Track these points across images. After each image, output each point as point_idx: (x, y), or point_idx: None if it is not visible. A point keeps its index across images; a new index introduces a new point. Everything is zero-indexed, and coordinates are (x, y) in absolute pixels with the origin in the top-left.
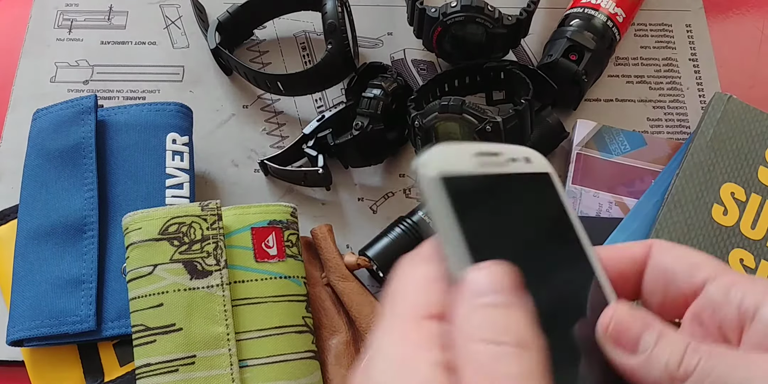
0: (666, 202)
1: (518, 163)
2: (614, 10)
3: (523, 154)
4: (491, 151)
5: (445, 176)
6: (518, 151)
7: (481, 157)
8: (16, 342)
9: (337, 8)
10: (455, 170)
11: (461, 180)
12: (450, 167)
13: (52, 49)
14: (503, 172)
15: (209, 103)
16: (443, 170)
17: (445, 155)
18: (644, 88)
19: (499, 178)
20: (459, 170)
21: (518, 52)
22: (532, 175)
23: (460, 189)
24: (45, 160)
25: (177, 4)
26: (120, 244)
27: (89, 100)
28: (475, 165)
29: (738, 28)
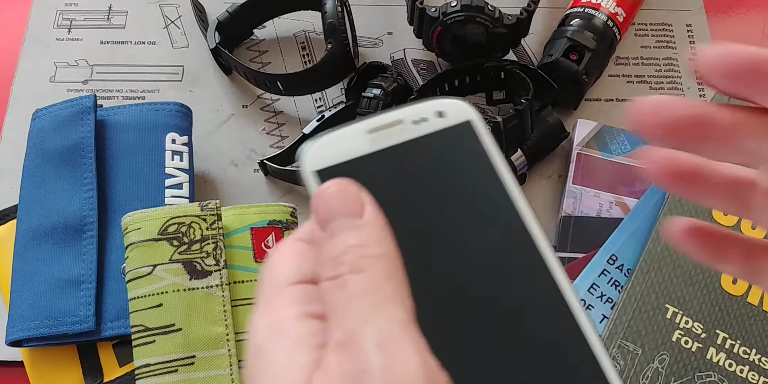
0: (666, 202)
1: (427, 122)
2: (615, 10)
3: (435, 109)
4: (388, 121)
5: (322, 169)
6: (427, 109)
7: (377, 132)
8: (16, 342)
9: (337, 8)
10: (340, 157)
11: (347, 166)
12: (332, 157)
13: (51, 48)
14: (407, 139)
15: (209, 103)
16: (321, 163)
17: (329, 144)
18: (645, 88)
19: (399, 149)
20: (345, 156)
21: (518, 51)
22: (448, 129)
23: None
24: (44, 160)
25: (176, 4)
26: (119, 244)
27: (88, 99)
28: (368, 143)
29: (739, 27)
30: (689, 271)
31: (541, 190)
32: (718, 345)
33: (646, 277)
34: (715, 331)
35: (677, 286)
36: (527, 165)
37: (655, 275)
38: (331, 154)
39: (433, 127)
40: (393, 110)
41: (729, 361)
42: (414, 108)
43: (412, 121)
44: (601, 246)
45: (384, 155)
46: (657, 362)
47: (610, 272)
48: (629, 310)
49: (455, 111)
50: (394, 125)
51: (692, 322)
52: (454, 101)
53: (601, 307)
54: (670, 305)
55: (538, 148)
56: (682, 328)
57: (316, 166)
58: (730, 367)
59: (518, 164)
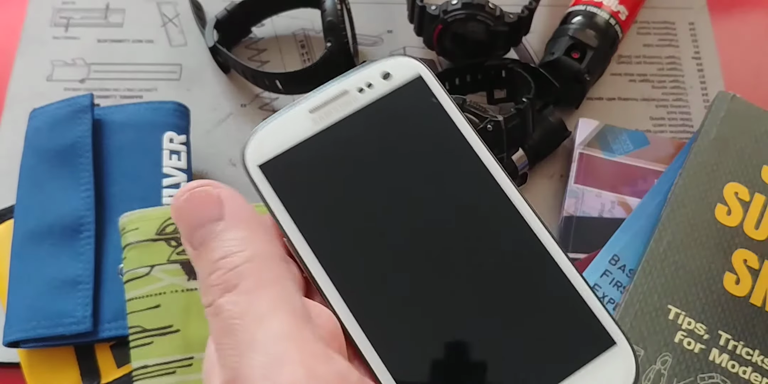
0: (669, 202)
1: (373, 88)
2: (617, 8)
3: (379, 72)
4: (331, 95)
5: (265, 162)
6: (370, 73)
7: (321, 109)
8: (13, 343)
9: (337, 6)
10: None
11: (292, 154)
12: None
13: (48, 47)
14: (354, 110)
15: (207, 102)
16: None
17: (271, 133)
18: (647, 87)
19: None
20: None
21: (520, 50)
22: (397, 91)
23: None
24: (41, 160)
25: (174, 2)
26: (117, 244)
27: (85, 98)
28: (313, 124)
29: (742, 25)
30: (692, 271)
31: (542, 189)
32: (720, 346)
33: (649, 278)
34: (718, 332)
35: (680, 287)
36: (528, 164)
37: (657, 276)
38: (275, 143)
39: (380, 92)
40: (334, 81)
41: (732, 363)
42: (357, 75)
43: (357, 89)
44: (603, 246)
45: (332, 133)
46: (659, 363)
47: (612, 273)
48: (631, 311)
49: (401, 69)
50: (339, 98)
51: (695, 323)
52: (398, 58)
53: None
54: (672, 306)
55: (539, 147)
56: (684, 329)
57: (258, 160)
58: (732, 369)
59: (519, 164)
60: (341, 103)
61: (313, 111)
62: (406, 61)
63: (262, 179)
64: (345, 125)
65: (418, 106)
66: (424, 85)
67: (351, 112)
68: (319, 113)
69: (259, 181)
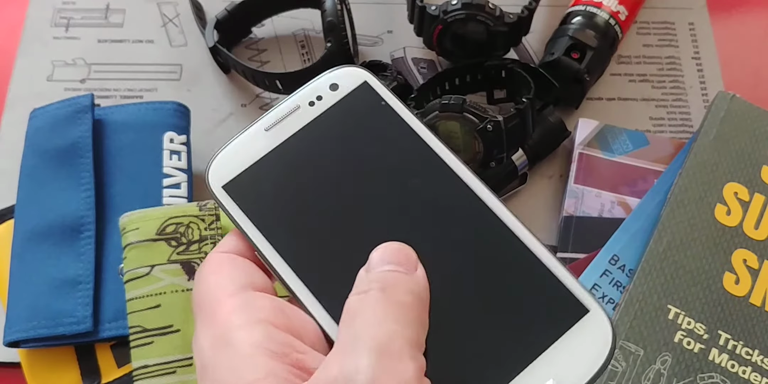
0: (669, 202)
1: (322, 100)
2: (616, 8)
3: (326, 84)
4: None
5: (228, 182)
6: (318, 86)
7: (276, 126)
8: (13, 343)
9: (337, 6)
10: (244, 165)
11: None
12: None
13: (48, 47)
14: (306, 123)
15: (207, 102)
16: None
17: (230, 154)
18: (647, 87)
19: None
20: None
21: (520, 50)
22: (345, 99)
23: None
24: (41, 160)
25: (175, 2)
26: (117, 244)
27: (86, 99)
28: (270, 141)
29: (741, 26)
30: (691, 271)
31: (542, 189)
32: (720, 346)
33: (648, 278)
34: (718, 332)
35: (679, 287)
36: (528, 164)
37: (657, 276)
38: (235, 163)
39: (330, 103)
40: (285, 98)
41: (731, 362)
42: (306, 90)
43: (307, 103)
44: (603, 246)
45: (287, 147)
46: (659, 363)
47: (611, 273)
48: (631, 310)
49: (347, 78)
50: (291, 113)
51: (694, 322)
52: (343, 69)
53: None
54: (672, 306)
55: (539, 147)
56: (684, 328)
57: (221, 181)
58: (732, 368)
59: (519, 164)
60: (294, 118)
61: (268, 129)
62: (350, 71)
63: (227, 199)
64: (300, 138)
65: (369, 111)
66: (371, 91)
67: (304, 125)
68: (274, 130)
69: (225, 201)
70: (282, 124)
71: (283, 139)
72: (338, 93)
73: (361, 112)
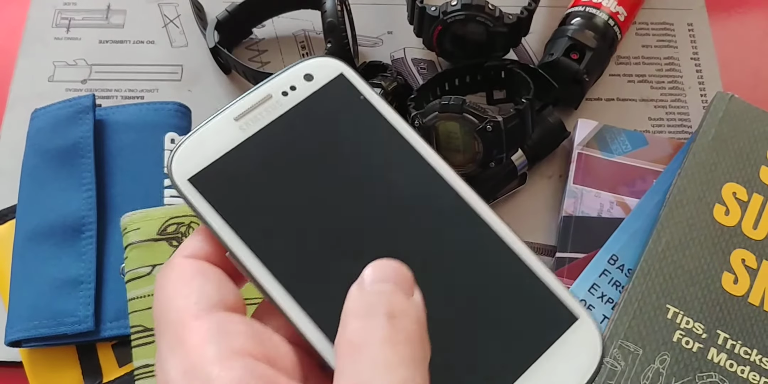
0: (668, 202)
1: (296, 90)
2: (616, 9)
3: (301, 74)
4: (255, 101)
5: (195, 175)
6: (292, 75)
7: (246, 116)
8: (15, 342)
9: (337, 7)
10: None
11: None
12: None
13: (50, 48)
14: (279, 115)
15: (208, 103)
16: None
17: (197, 144)
18: (646, 88)
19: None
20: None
21: (519, 51)
22: (320, 91)
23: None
24: (43, 160)
25: (175, 3)
26: (118, 244)
27: (87, 99)
28: (240, 131)
29: (740, 26)
30: (690, 271)
31: (541, 189)
32: (719, 345)
33: (647, 278)
34: (716, 331)
35: (678, 287)
36: (528, 165)
37: (655, 275)
38: (202, 154)
39: (304, 94)
40: (257, 87)
41: (730, 362)
42: (279, 79)
43: (281, 93)
44: (602, 246)
45: (260, 139)
46: (658, 362)
47: (610, 272)
48: (630, 310)
49: (322, 69)
50: (263, 103)
51: (693, 322)
52: (318, 59)
53: (601, 307)
54: (670, 305)
55: (538, 147)
56: (682, 328)
57: (187, 174)
58: (731, 368)
59: (519, 164)
60: (266, 108)
61: (238, 118)
62: (326, 61)
63: (193, 193)
64: (273, 130)
65: (345, 104)
66: (348, 83)
67: (277, 116)
68: (245, 120)
69: (191, 195)
70: (253, 114)
71: (254, 130)
72: (313, 84)
73: (338, 105)
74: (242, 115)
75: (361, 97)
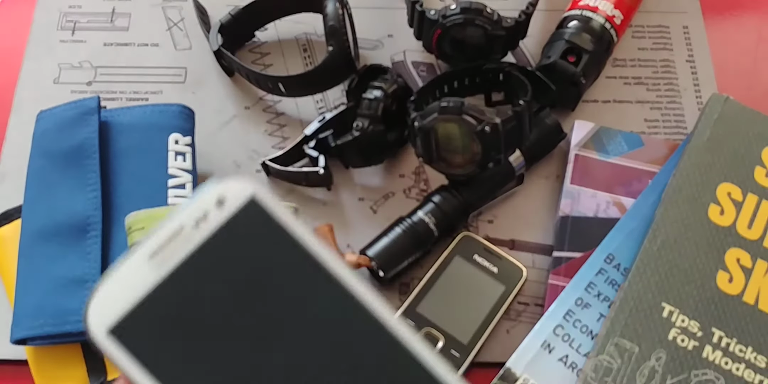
0: (663, 202)
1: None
2: (612, 13)
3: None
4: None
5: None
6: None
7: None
8: (20, 340)
9: (338, 10)
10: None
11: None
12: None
13: (55, 50)
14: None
15: (211, 105)
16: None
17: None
18: (641, 90)
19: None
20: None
21: (517, 53)
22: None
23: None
24: (48, 161)
25: (179, 6)
26: (123, 243)
27: (92, 101)
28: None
29: (735, 29)
30: (685, 270)
31: (539, 190)
32: (714, 343)
33: (643, 276)
34: (711, 329)
35: (673, 285)
36: (525, 165)
37: (651, 274)
38: (119, 301)
39: (215, 223)
40: (167, 219)
41: (725, 359)
42: (190, 208)
43: (192, 224)
44: (598, 245)
45: (176, 278)
46: (654, 360)
47: (607, 271)
48: (626, 308)
49: (233, 192)
50: (176, 237)
51: (688, 320)
52: (228, 182)
53: (598, 305)
54: (666, 304)
55: (536, 149)
56: (678, 326)
57: (106, 324)
58: (726, 365)
59: (516, 165)
60: (179, 242)
61: (152, 256)
62: (236, 184)
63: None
64: (187, 268)
65: (258, 232)
66: (260, 208)
67: (190, 251)
68: (159, 258)
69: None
70: (166, 250)
71: (168, 269)
72: (225, 210)
73: (250, 233)
74: (156, 252)
75: (273, 221)
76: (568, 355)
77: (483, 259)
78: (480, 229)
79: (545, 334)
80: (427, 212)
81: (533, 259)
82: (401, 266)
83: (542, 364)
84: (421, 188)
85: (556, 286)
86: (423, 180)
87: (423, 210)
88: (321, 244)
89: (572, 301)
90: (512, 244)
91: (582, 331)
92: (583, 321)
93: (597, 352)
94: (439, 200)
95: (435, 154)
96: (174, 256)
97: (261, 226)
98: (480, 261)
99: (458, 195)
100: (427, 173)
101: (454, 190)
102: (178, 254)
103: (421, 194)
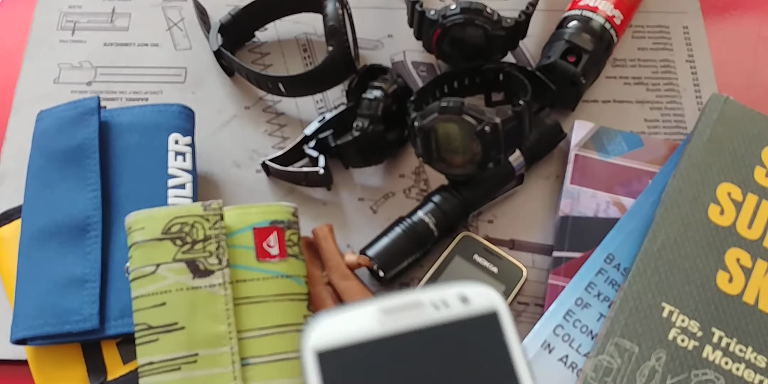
0: (663, 202)
1: (448, 308)
2: (612, 13)
3: (459, 294)
4: (406, 303)
5: (325, 350)
6: (451, 293)
7: (391, 313)
8: (20, 340)
9: (338, 10)
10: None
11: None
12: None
13: (55, 50)
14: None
15: (211, 105)
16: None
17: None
18: (641, 90)
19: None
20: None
21: (517, 53)
22: (470, 319)
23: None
24: (48, 161)
25: (179, 6)
26: (123, 243)
27: (92, 101)
28: (379, 324)
29: (735, 29)
30: (685, 270)
31: (539, 190)
32: (714, 343)
33: (643, 276)
34: (711, 329)
35: (673, 285)
36: (525, 165)
37: (651, 274)
38: (338, 333)
39: (453, 314)
40: (414, 291)
41: (725, 359)
42: (437, 291)
43: (432, 304)
44: (598, 245)
45: (395, 339)
46: (654, 360)
47: (607, 271)
48: (626, 308)
49: (481, 298)
50: (412, 308)
51: (688, 320)
52: (482, 288)
53: (598, 305)
54: (666, 304)
55: (536, 149)
56: (678, 326)
57: (319, 346)
58: (725, 365)
59: (516, 165)
60: (414, 312)
61: (385, 312)
62: (487, 293)
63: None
64: (410, 336)
65: (485, 342)
66: (497, 323)
67: (420, 325)
68: (390, 316)
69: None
70: (400, 313)
71: (392, 329)
72: (465, 309)
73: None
74: (388, 311)
75: (502, 340)
76: (568, 355)
77: (483, 259)
78: (480, 229)
79: (545, 334)
80: (427, 212)
81: (533, 259)
82: (401, 266)
83: (542, 364)
84: (421, 188)
85: (556, 286)
86: (423, 180)
87: (423, 210)
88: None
89: (572, 301)
90: (512, 244)
91: (582, 331)
92: (583, 321)
93: (597, 352)
94: (439, 200)
95: (435, 154)
96: (402, 320)
97: (489, 339)
98: (480, 261)
99: (458, 195)
100: (427, 173)
101: (454, 190)
102: (406, 321)
103: (421, 194)
